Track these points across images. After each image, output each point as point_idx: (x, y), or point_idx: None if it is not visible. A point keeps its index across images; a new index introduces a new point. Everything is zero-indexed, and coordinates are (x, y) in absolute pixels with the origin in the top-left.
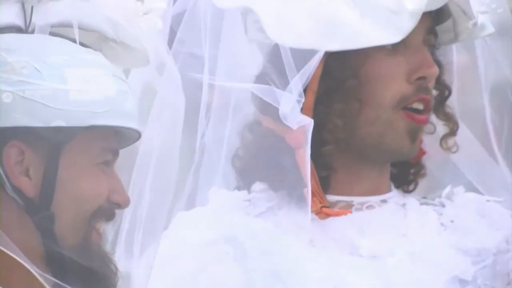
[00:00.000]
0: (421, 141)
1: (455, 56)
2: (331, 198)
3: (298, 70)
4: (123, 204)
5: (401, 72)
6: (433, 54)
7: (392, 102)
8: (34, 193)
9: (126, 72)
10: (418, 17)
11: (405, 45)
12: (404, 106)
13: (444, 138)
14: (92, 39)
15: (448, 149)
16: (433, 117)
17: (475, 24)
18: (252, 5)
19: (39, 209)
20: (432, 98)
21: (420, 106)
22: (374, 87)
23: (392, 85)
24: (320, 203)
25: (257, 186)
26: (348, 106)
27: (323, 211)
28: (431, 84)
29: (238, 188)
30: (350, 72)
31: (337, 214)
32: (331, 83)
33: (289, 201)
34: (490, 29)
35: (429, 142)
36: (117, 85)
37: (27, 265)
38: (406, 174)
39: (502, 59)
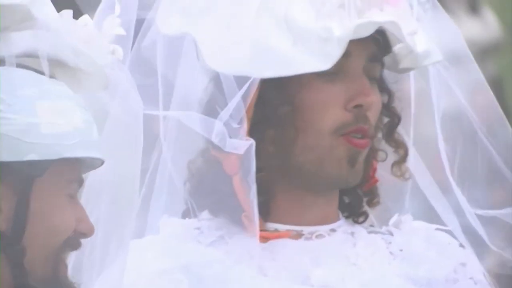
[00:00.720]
0: (374, 170)
1: (412, 84)
2: (281, 227)
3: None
4: (89, 233)
5: (338, 99)
6: (382, 81)
7: (330, 129)
8: (5, 226)
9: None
10: (345, 44)
11: (344, 72)
12: (343, 133)
13: (395, 165)
14: (62, 68)
15: (401, 175)
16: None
17: (411, 52)
18: (192, 32)
19: (10, 242)
20: (371, 126)
21: (357, 135)
22: (310, 114)
23: (329, 112)
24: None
25: (205, 214)
26: (282, 133)
27: (261, 235)
28: (374, 112)
29: (185, 213)
30: (285, 99)
31: (276, 237)
32: (265, 110)
33: (240, 230)
34: (436, 57)
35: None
36: (83, 115)
37: None
38: (358, 204)
39: (455, 87)
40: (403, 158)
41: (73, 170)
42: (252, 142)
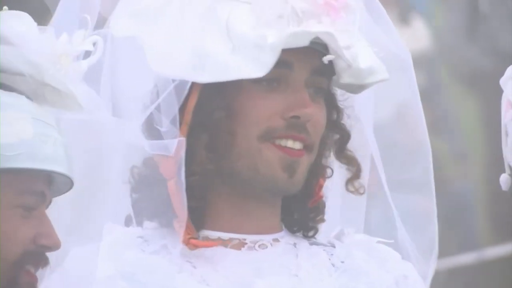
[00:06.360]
0: (321, 186)
1: None
2: (224, 235)
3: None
4: (52, 246)
5: (276, 108)
6: (330, 98)
7: (258, 133)
8: None
9: None
10: (278, 51)
11: (286, 83)
12: (270, 138)
13: (349, 181)
14: (33, 84)
15: (356, 191)
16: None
17: (349, 66)
18: (141, 35)
19: None
20: (309, 136)
21: (295, 145)
22: (244, 120)
23: (262, 118)
24: (189, 234)
25: (149, 223)
26: (216, 138)
27: (191, 242)
28: (315, 124)
29: (127, 220)
30: (221, 104)
31: (205, 245)
32: (202, 115)
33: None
34: (381, 75)
35: None
36: (37, 128)
37: None
38: (306, 219)
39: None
40: (356, 175)
41: (25, 181)
42: (182, 139)
